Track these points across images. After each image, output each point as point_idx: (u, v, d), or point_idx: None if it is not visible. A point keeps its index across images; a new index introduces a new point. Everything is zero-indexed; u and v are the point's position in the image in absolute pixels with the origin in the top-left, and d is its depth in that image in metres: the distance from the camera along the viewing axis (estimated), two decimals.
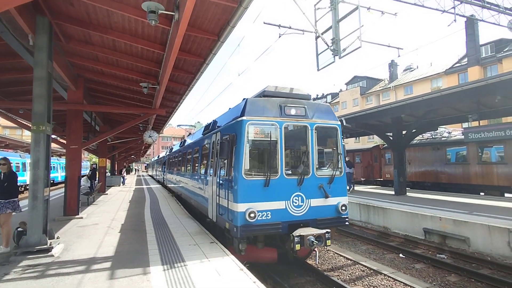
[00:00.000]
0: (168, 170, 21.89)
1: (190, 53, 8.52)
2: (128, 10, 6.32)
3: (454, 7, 15.08)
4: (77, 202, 10.59)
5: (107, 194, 19.14)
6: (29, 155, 30.08)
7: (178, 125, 22.11)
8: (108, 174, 27.38)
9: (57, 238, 7.14)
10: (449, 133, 19.43)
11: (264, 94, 7.17)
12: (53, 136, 13.63)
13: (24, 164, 27.59)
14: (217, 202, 7.29)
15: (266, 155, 6.69)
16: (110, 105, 14.63)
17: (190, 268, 5.37)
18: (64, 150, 13.11)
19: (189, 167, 12.37)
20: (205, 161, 9.42)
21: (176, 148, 18.89)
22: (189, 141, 13.78)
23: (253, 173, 6.31)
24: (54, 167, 33.69)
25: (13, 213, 6.63)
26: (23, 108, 12.42)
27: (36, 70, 6.70)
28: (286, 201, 6.35)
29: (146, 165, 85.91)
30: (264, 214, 6.12)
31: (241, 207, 6.00)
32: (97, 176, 19.26)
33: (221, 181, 7.12)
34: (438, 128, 18.36)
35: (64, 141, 12.98)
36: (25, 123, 13.76)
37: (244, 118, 6.37)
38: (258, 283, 4.67)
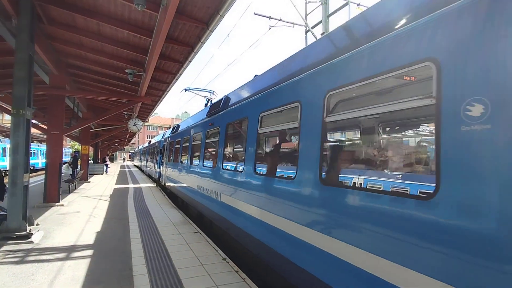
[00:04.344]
0: (171, 163, 13.12)
1: (178, 41, 8.38)
2: None
3: None
4: (58, 189, 10.38)
5: (89, 182, 18.80)
6: (9, 140, 29.11)
7: (186, 89, 13.10)
8: (91, 162, 26.83)
9: (37, 225, 7.00)
10: None
11: None
12: (34, 121, 13.23)
13: (4, 149, 26.68)
14: None
15: None
16: (94, 91, 14.26)
17: (173, 256, 5.39)
18: (45, 136, 12.75)
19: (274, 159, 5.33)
20: None
21: (191, 121, 10.39)
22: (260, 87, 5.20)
23: None
24: (34, 153, 32.69)
25: None
26: (4, 91, 11.99)
27: (17, 52, 6.49)
28: None
29: (130, 154, 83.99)
30: None
31: None
32: (79, 163, 18.85)
33: None
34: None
35: (45, 127, 12.63)
36: (5, 106, 13.26)
37: None
38: (247, 280, 4.74)
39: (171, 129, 15.36)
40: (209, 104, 10.28)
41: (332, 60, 3.26)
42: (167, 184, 14.33)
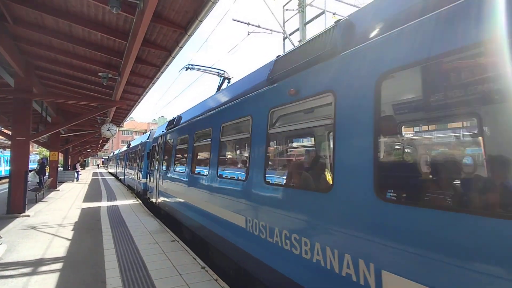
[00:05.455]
0: (172, 172, 8.66)
1: (155, 44, 8.20)
2: None
3: None
4: (23, 199, 9.77)
5: (58, 190, 17.86)
6: None
7: (187, 66, 9.60)
8: (61, 168, 25.55)
9: (0, 237, 6.54)
10: None
11: None
12: None
13: None
14: None
15: None
16: (65, 95, 13.59)
17: (150, 267, 5.18)
18: (10, 142, 12.00)
19: None
20: None
21: (215, 102, 6.38)
22: None
23: None
24: None
25: None
26: None
27: None
28: None
29: (104, 159, 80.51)
30: None
31: None
32: (47, 170, 17.86)
33: None
34: None
35: (10, 132, 11.89)
36: None
37: None
38: (220, 282, 4.64)
39: (165, 124, 11.15)
40: (225, 85, 7.65)
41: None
42: (159, 201, 10.28)
